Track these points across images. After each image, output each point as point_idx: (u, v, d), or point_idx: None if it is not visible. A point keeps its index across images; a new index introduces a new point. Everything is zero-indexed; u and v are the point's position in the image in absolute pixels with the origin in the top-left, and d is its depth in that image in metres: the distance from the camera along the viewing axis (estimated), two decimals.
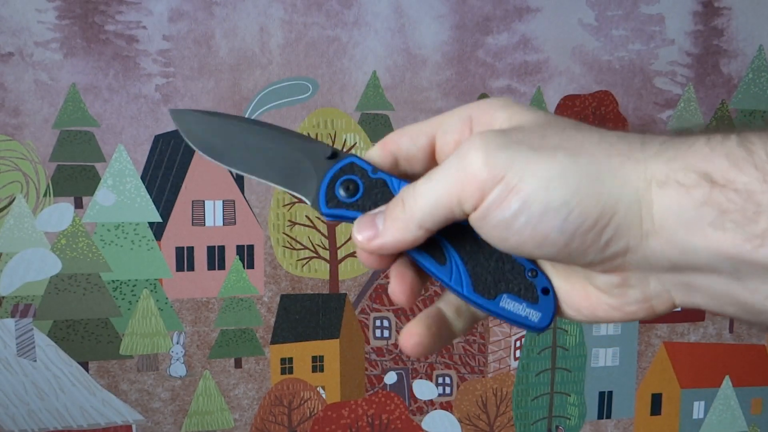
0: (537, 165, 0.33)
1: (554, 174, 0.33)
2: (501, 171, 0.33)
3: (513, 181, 0.33)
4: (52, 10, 0.95)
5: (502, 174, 0.33)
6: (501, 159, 0.33)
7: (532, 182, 0.33)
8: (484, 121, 0.38)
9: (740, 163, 0.31)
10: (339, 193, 0.37)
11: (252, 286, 1.04)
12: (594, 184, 0.33)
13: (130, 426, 1.03)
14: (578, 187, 0.33)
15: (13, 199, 0.97)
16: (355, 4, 1.02)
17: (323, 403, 1.08)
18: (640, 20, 1.09)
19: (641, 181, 0.33)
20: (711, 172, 0.31)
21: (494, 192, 0.34)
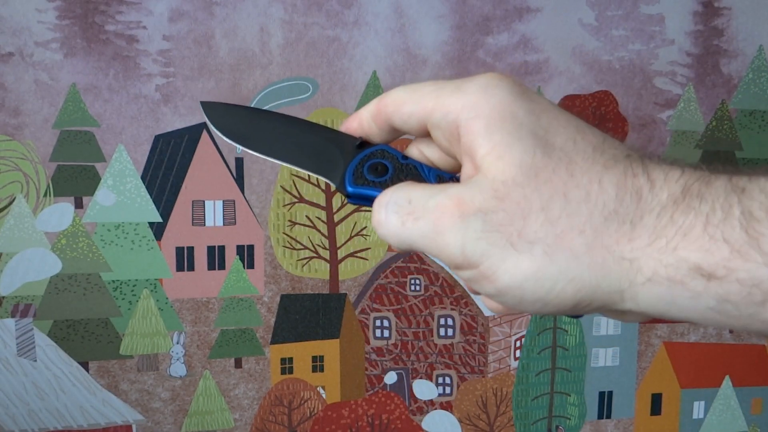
0: (513, 262, 0.32)
1: (529, 275, 0.32)
2: (476, 260, 0.33)
3: (488, 272, 0.33)
4: (52, 10, 0.95)
5: (477, 263, 0.33)
6: (477, 251, 0.33)
7: (505, 278, 0.33)
8: (468, 139, 0.34)
9: (744, 249, 0.29)
10: (367, 174, 0.37)
11: (252, 286, 1.04)
12: (571, 283, 0.32)
13: (130, 426, 1.03)
14: (553, 286, 0.32)
15: (13, 199, 0.97)
16: (355, 4, 1.02)
17: (323, 403, 1.08)
18: (640, 20, 1.09)
19: (625, 278, 0.31)
20: (709, 266, 0.29)
21: (467, 273, 0.34)
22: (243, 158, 1.02)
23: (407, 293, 1.09)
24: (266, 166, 1.03)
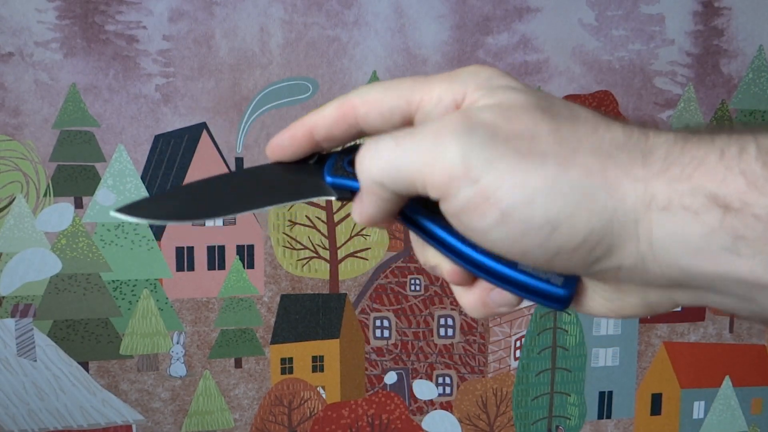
0: (522, 175, 0.29)
1: (540, 188, 0.29)
2: (478, 173, 0.29)
3: (490, 189, 0.29)
4: (52, 10, 0.95)
5: (478, 176, 0.29)
6: (481, 159, 0.29)
7: (513, 195, 0.29)
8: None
9: (760, 182, 0.27)
10: (346, 166, 0.35)
11: (252, 286, 1.04)
12: (584, 202, 0.29)
13: (130, 426, 1.03)
14: (565, 205, 0.29)
15: (13, 199, 0.97)
16: (355, 4, 1.02)
17: (323, 403, 1.08)
18: (640, 20, 1.09)
19: (640, 202, 0.29)
20: (725, 196, 0.27)
21: (465, 191, 0.29)
22: (243, 158, 1.02)
23: (407, 293, 1.09)
24: None
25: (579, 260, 0.30)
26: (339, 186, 0.34)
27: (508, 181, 0.29)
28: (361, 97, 0.35)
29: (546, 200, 0.29)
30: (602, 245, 0.29)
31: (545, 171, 0.29)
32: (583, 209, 0.29)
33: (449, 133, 0.30)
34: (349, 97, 0.35)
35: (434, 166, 0.30)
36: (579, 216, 0.29)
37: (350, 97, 0.35)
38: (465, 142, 0.29)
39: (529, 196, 0.29)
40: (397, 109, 0.34)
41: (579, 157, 0.29)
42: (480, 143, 0.29)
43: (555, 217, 0.29)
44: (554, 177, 0.29)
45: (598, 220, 0.29)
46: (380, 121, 0.34)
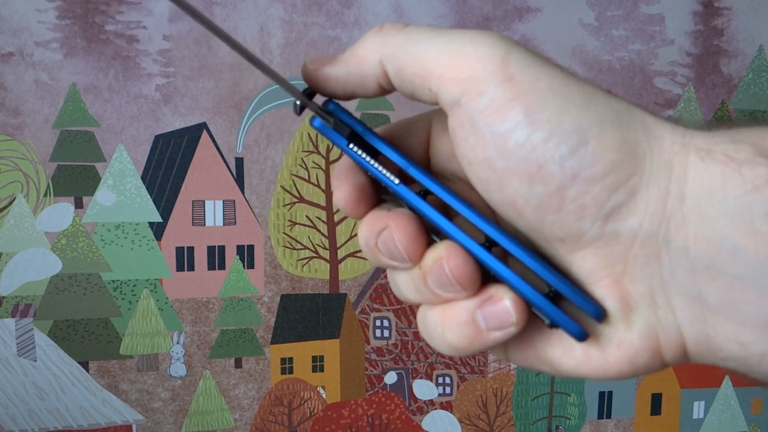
0: (559, 83, 0.26)
1: (577, 98, 0.26)
2: (514, 72, 0.26)
3: (521, 88, 0.26)
4: (52, 10, 0.95)
5: (512, 74, 0.26)
6: (521, 61, 0.26)
7: (545, 96, 0.25)
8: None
9: None
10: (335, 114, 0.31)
11: (252, 286, 1.04)
12: (620, 127, 0.25)
13: (131, 426, 1.03)
14: (602, 120, 0.25)
15: (14, 199, 0.97)
16: (355, 5, 1.02)
17: (323, 403, 1.08)
18: (640, 20, 1.09)
19: (677, 144, 0.25)
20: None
21: (493, 89, 0.26)
22: (243, 158, 1.02)
23: None
24: (266, 166, 1.03)
25: (595, 202, 0.25)
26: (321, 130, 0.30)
27: (544, 84, 0.26)
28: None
29: (580, 110, 0.25)
30: (627, 186, 0.25)
31: (583, 88, 0.26)
32: (616, 132, 0.25)
33: (495, 36, 0.27)
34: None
35: (469, 55, 0.26)
36: (610, 137, 0.25)
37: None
38: (511, 44, 0.26)
39: (562, 103, 0.25)
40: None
41: (616, 98, 0.27)
42: (525, 50, 0.27)
43: (586, 126, 0.25)
44: (594, 94, 0.26)
45: (630, 150, 0.25)
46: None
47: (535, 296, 0.27)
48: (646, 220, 0.25)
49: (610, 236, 0.26)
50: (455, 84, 0.26)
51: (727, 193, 0.24)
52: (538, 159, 0.25)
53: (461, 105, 0.26)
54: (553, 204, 0.26)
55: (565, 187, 0.25)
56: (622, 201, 0.25)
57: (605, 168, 0.25)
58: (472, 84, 0.26)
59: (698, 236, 0.24)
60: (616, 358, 0.27)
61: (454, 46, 0.27)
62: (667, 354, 0.26)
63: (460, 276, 0.27)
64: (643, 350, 0.26)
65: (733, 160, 0.24)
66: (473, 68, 0.26)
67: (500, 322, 0.27)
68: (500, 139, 0.26)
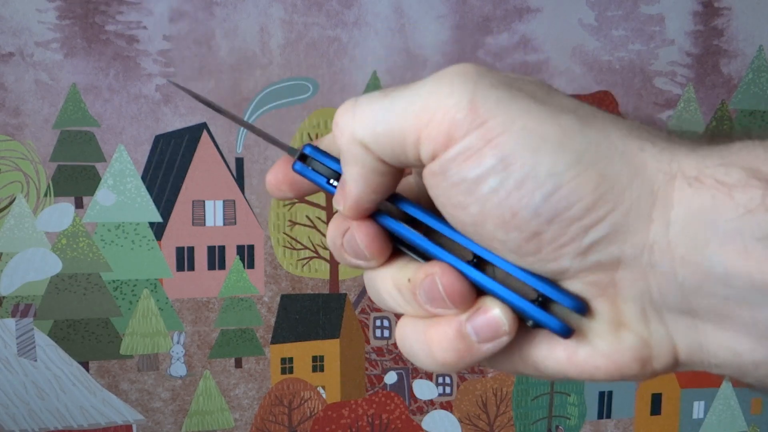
0: (532, 119, 0.25)
1: (551, 136, 0.25)
2: (484, 115, 0.25)
3: (494, 131, 0.25)
4: (52, 10, 0.95)
5: (484, 119, 0.25)
6: (490, 100, 0.25)
7: (518, 138, 0.25)
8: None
9: None
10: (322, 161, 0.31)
11: (252, 286, 1.04)
12: (598, 163, 0.24)
13: (131, 426, 1.03)
14: (577, 161, 0.24)
15: (14, 199, 0.97)
16: (355, 5, 1.02)
17: (323, 403, 1.08)
18: (640, 20, 1.09)
19: (662, 172, 0.24)
20: (767, 171, 0.23)
21: (466, 140, 0.25)
22: (243, 158, 1.02)
23: None
24: (266, 166, 1.03)
25: (573, 241, 0.25)
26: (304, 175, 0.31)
27: (517, 125, 0.25)
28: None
29: (555, 149, 0.25)
30: (606, 223, 0.24)
31: (561, 120, 0.25)
32: (594, 172, 0.24)
33: (456, 74, 0.26)
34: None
35: (435, 111, 0.26)
36: (587, 178, 0.24)
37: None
38: (474, 81, 0.25)
39: (537, 144, 0.25)
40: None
41: (598, 121, 0.25)
42: (491, 84, 0.26)
43: (561, 171, 0.24)
44: (570, 128, 0.25)
45: (609, 188, 0.24)
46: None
47: (519, 301, 0.27)
48: (627, 247, 0.25)
49: (592, 265, 0.25)
50: (431, 140, 0.26)
51: (718, 217, 0.23)
52: (512, 206, 0.25)
53: (435, 159, 0.26)
54: (530, 248, 0.26)
55: (541, 233, 0.25)
56: (600, 236, 0.25)
57: (581, 210, 0.25)
58: (446, 136, 0.25)
59: (686, 260, 0.24)
60: (605, 365, 0.27)
61: (427, 98, 0.26)
62: (658, 363, 0.26)
63: (453, 293, 0.27)
64: (633, 361, 0.26)
65: (723, 184, 0.23)
66: (445, 119, 0.25)
67: (492, 332, 0.27)
68: (473, 185, 0.25)
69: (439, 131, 0.25)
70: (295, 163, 0.31)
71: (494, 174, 0.25)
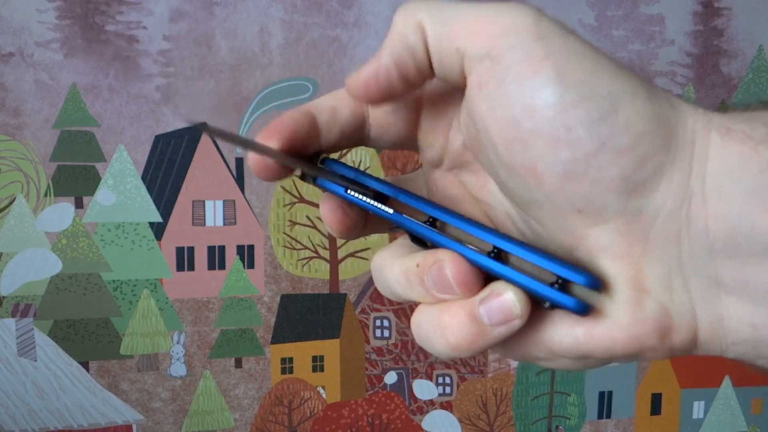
0: (589, 48, 0.26)
1: (607, 64, 0.25)
2: (545, 32, 0.25)
3: (555, 46, 0.25)
4: (52, 10, 0.95)
5: (544, 33, 0.25)
6: (551, 25, 0.26)
7: (577, 59, 0.25)
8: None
9: None
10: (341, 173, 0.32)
11: (252, 286, 1.04)
12: (649, 99, 0.25)
13: (131, 426, 1.03)
14: (632, 89, 0.25)
15: (14, 199, 0.97)
16: (355, 5, 1.02)
17: (323, 403, 1.08)
18: (640, 20, 1.09)
19: (699, 122, 0.25)
20: None
21: (525, 45, 0.25)
22: (243, 158, 1.02)
23: None
24: None
25: (620, 174, 0.24)
26: (322, 185, 0.32)
27: (578, 48, 0.25)
28: None
29: (612, 76, 0.25)
30: (653, 161, 0.24)
31: (613, 59, 0.26)
32: (648, 104, 0.25)
33: (521, 4, 0.26)
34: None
35: (498, 15, 0.26)
36: (642, 107, 0.25)
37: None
38: (539, 11, 0.26)
39: (595, 67, 0.25)
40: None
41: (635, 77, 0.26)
42: (554, 19, 0.26)
43: (619, 93, 0.25)
44: (622, 66, 0.26)
45: (659, 124, 0.24)
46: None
47: (532, 282, 0.26)
48: (669, 199, 0.24)
49: (632, 213, 0.25)
50: (486, 38, 0.26)
51: (744, 172, 0.24)
52: (567, 121, 0.24)
53: (490, 59, 0.26)
54: (578, 171, 0.25)
55: (593, 155, 0.24)
56: (647, 176, 0.24)
57: (635, 139, 0.24)
58: (503, 38, 0.25)
59: (717, 216, 0.24)
60: (624, 338, 0.26)
61: (486, 9, 0.26)
62: (677, 338, 0.26)
63: (461, 278, 0.27)
64: (653, 331, 0.26)
65: (750, 138, 0.24)
66: (505, 24, 0.25)
67: (504, 315, 0.26)
68: (529, 97, 0.25)
69: (500, 30, 0.25)
70: (316, 179, 0.32)
71: (552, 87, 0.25)
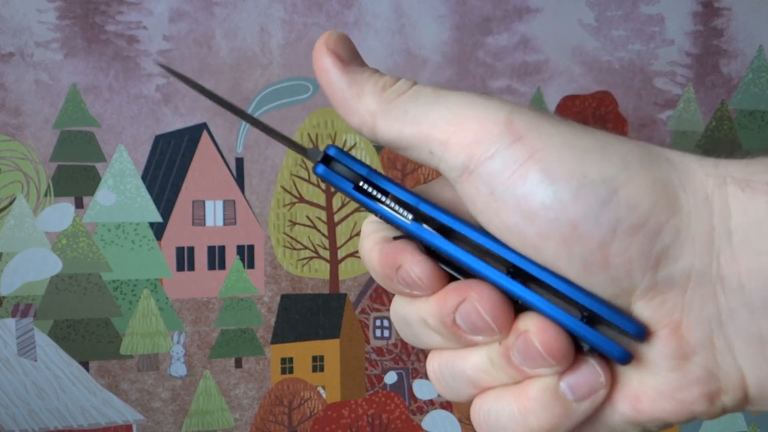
0: (569, 134, 0.24)
1: (592, 146, 0.24)
2: (520, 129, 0.24)
3: (534, 144, 0.24)
4: (52, 10, 0.95)
5: (520, 132, 0.24)
6: (526, 118, 0.25)
7: (560, 151, 0.24)
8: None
9: None
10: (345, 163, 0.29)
11: (252, 286, 1.04)
12: (647, 167, 0.24)
13: (131, 425, 1.03)
14: (625, 166, 0.24)
15: (14, 199, 0.97)
16: (355, 5, 1.02)
17: (323, 403, 1.08)
18: (640, 20, 1.09)
19: (711, 176, 0.24)
20: None
21: (503, 151, 0.24)
22: (243, 158, 1.02)
23: None
24: (266, 166, 1.03)
25: (640, 252, 0.23)
26: (326, 177, 0.29)
27: (556, 139, 0.24)
28: None
29: (601, 159, 0.24)
30: (670, 228, 0.23)
31: (595, 136, 0.25)
32: (644, 173, 0.24)
33: (489, 98, 0.25)
34: None
35: (469, 120, 0.25)
36: (640, 179, 0.24)
37: None
38: (509, 104, 0.25)
39: (580, 155, 0.24)
40: None
41: (630, 140, 0.25)
42: (526, 109, 0.25)
43: (612, 174, 0.24)
44: (608, 140, 0.24)
45: (662, 190, 0.23)
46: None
47: (571, 321, 0.24)
48: (696, 259, 0.23)
49: (663, 283, 0.24)
50: (460, 149, 0.25)
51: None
52: (570, 218, 0.23)
53: (472, 171, 0.25)
54: (597, 263, 0.24)
55: (607, 243, 0.23)
56: (667, 244, 0.23)
57: (643, 214, 0.23)
58: (478, 147, 0.24)
59: (751, 272, 0.23)
60: (673, 406, 0.25)
61: (453, 110, 0.25)
62: (727, 399, 0.25)
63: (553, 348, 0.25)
64: (701, 397, 0.24)
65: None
66: (476, 131, 0.24)
67: (590, 387, 0.25)
68: (524, 203, 0.24)
69: (472, 139, 0.24)
70: (318, 165, 0.29)
71: (544, 187, 0.24)
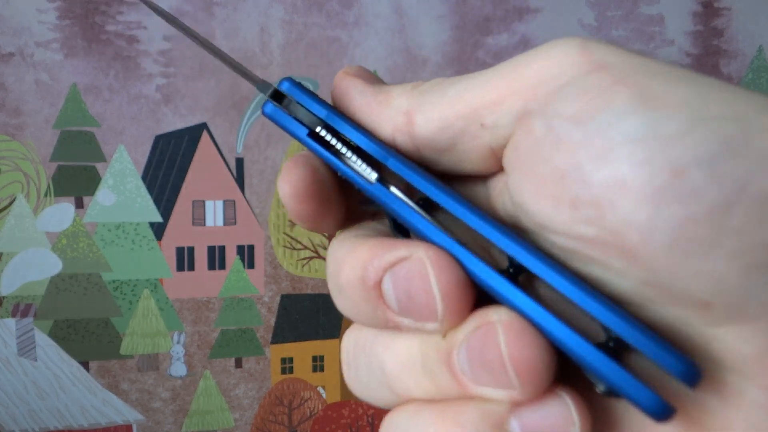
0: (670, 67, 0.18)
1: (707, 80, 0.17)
2: (601, 60, 0.18)
3: (620, 73, 0.17)
4: (52, 10, 0.95)
5: (601, 61, 0.18)
6: (601, 47, 0.18)
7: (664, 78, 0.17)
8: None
9: None
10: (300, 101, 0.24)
11: (252, 286, 1.04)
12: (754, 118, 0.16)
13: (131, 425, 1.03)
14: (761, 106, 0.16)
15: (14, 199, 0.97)
16: (355, 5, 1.02)
17: (323, 403, 1.08)
18: (640, 20, 1.09)
19: None
20: None
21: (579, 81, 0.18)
22: (243, 158, 1.02)
23: None
24: (266, 166, 1.03)
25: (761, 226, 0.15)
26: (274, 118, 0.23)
27: (654, 68, 0.17)
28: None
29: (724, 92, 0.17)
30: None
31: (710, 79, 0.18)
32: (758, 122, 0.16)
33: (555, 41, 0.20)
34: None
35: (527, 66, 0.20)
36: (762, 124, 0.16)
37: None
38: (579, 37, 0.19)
39: (693, 86, 0.17)
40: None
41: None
42: (603, 41, 0.19)
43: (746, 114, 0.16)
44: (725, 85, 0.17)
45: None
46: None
47: (589, 351, 0.16)
48: None
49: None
50: (518, 96, 0.19)
51: None
52: (672, 161, 0.15)
53: (530, 112, 0.19)
54: (700, 240, 0.15)
55: (723, 211, 0.15)
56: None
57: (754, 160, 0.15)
58: (544, 87, 0.19)
59: None
60: None
61: (504, 67, 0.20)
62: None
63: (523, 359, 0.17)
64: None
65: None
66: (541, 69, 0.19)
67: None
68: (598, 138, 0.16)
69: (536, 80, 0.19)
70: (266, 104, 0.23)
71: (636, 116, 0.16)
